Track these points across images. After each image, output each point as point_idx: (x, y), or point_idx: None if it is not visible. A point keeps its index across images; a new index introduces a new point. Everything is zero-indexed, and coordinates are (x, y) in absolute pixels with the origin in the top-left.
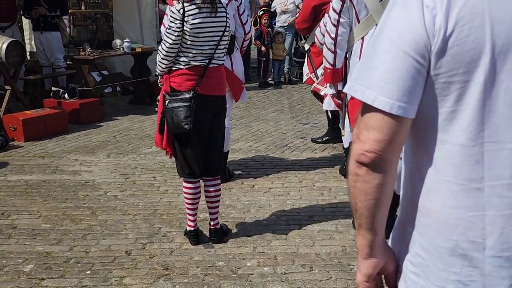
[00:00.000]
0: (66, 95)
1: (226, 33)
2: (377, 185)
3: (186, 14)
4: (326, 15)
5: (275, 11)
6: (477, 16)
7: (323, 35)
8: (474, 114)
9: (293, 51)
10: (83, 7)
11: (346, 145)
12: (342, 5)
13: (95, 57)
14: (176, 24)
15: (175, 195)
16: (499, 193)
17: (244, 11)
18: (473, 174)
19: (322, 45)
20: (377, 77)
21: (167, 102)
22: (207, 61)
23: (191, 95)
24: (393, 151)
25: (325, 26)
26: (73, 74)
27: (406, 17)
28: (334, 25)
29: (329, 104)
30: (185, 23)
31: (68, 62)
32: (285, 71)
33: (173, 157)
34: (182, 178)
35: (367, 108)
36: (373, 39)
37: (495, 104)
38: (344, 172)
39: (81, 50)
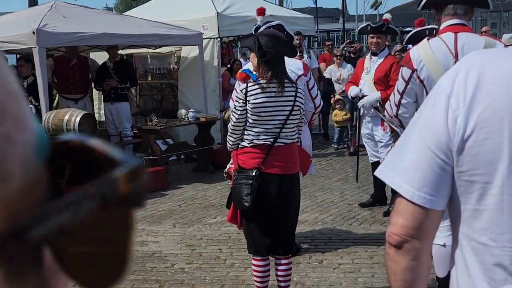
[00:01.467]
0: None
1: (294, 112)
2: (405, 267)
3: (248, 94)
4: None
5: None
6: (496, 121)
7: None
8: (494, 216)
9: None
10: (149, 78)
11: None
12: (406, 87)
13: (162, 127)
14: (239, 103)
15: (242, 269)
16: None
17: (314, 86)
18: (496, 275)
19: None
20: (404, 165)
21: (235, 178)
22: (271, 140)
23: (254, 174)
24: (420, 238)
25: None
26: (140, 143)
27: (434, 114)
28: (396, 105)
29: None
30: (247, 102)
31: (134, 131)
32: (346, 139)
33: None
34: (249, 252)
35: (397, 194)
36: (407, 128)
37: None
38: None
39: (148, 120)
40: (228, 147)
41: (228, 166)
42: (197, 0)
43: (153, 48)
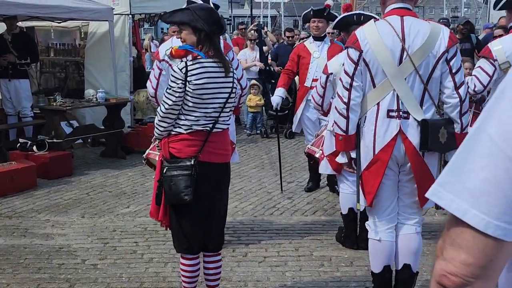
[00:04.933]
0: (34, 148)
1: (232, 95)
2: None
3: (189, 74)
4: (329, 76)
5: None
6: None
7: (320, 97)
8: None
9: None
10: (52, 54)
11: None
12: (355, 68)
13: (68, 108)
14: (178, 84)
15: (161, 264)
16: None
17: (238, 66)
18: None
19: (319, 106)
20: (472, 185)
21: (165, 169)
22: (210, 125)
23: (192, 163)
24: (486, 279)
25: (323, 88)
26: (42, 124)
27: None
28: (347, 89)
29: (325, 168)
30: (187, 84)
31: (35, 111)
32: (260, 124)
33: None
34: (166, 244)
35: (455, 221)
36: (468, 136)
37: None
38: (342, 240)
39: (52, 100)
40: (156, 135)
41: (147, 151)
42: None
43: (58, 21)
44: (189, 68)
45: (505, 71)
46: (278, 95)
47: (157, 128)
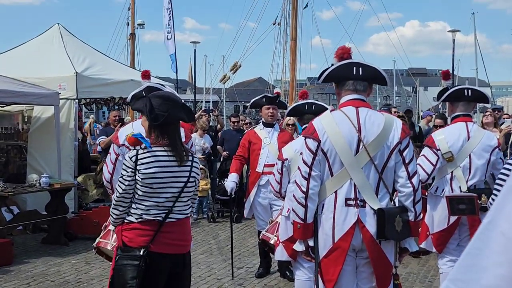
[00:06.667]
0: None
1: (190, 183)
2: None
3: (139, 162)
4: (285, 162)
5: None
6: None
7: (278, 183)
8: None
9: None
10: None
11: None
12: (314, 158)
13: (10, 193)
14: (128, 172)
15: None
16: None
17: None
18: None
19: (278, 192)
20: (487, 282)
21: (117, 258)
22: (163, 215)
23: (141, 253)
24: None
25: (280, 174)
26: None
27: None
28: (305, 178)
29: (281, 254)
30: (137, 172)
31: None
32: (206, 209)
33: None
34: None
35: None
36: (479, 232)
37: None
38: None
39: None
40: (111, 222)
41: (97, 239)
42: (54, 58)
43: (1, 105)
44: (139, 156)
45: (448, 160)
46: (232, 180)
47: (111, 215)
